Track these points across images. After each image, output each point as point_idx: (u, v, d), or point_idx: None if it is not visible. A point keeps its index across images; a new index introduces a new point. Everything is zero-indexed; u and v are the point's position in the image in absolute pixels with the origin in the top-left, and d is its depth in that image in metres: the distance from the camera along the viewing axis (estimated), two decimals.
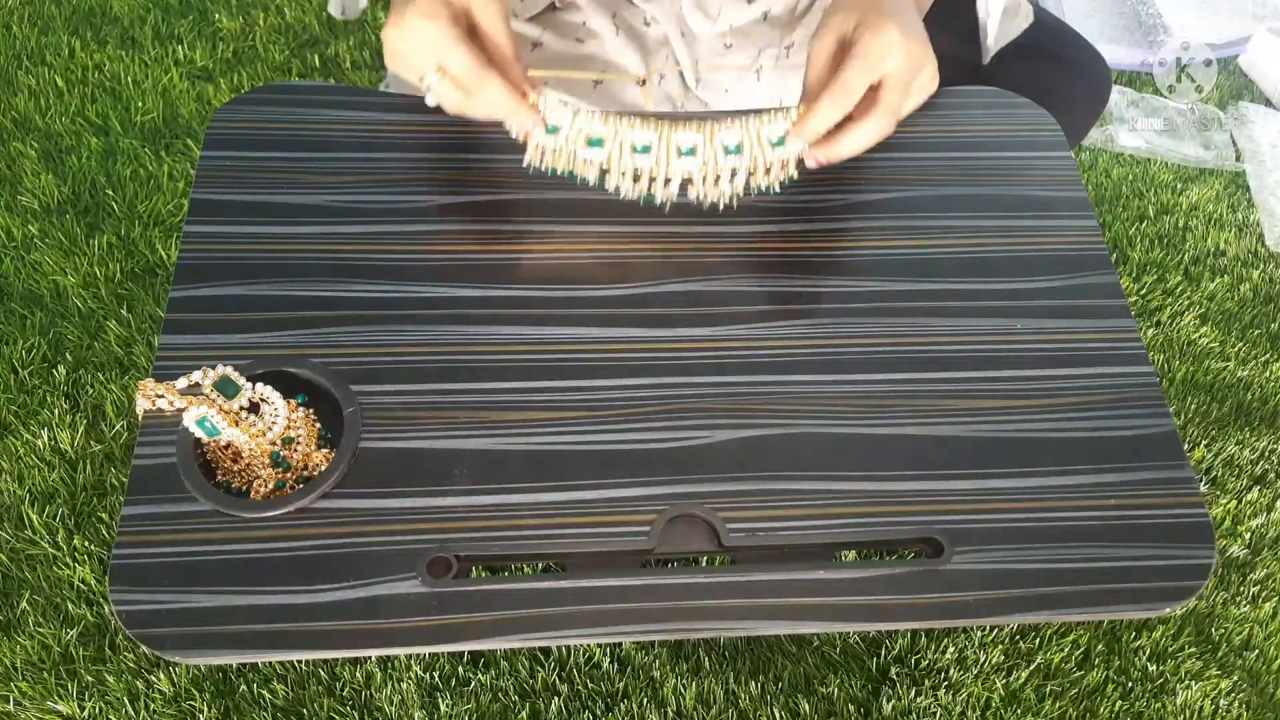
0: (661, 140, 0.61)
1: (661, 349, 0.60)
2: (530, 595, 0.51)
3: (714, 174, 0.62)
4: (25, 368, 1.16)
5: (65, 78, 1.47)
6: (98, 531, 1.04)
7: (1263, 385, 1.27)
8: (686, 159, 0.61)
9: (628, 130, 0.61)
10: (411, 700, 0.95)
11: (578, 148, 0.61)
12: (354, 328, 0.60)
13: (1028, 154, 0.71)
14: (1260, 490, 1.16)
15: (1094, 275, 0.65)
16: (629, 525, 0.54)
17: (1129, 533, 0.55)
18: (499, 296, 0.62)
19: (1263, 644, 1.05)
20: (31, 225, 1.29)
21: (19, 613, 0.98)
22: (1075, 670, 1.01)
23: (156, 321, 1.20)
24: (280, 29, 1.58)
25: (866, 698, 0.98)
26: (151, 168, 1.36)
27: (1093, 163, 1.54)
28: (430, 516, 0.53)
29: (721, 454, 0.56)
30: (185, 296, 0.60)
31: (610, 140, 0.60)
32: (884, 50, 0.57)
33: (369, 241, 0.63)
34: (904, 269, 0.64)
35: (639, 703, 0.96)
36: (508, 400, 0.58)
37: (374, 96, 0.70)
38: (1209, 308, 1.35)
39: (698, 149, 0.61)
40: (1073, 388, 0.60)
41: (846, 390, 0.59)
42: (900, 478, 0.56)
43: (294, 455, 0.55)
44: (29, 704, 0.93)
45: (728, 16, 0.77)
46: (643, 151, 0.61)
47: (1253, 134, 1.59)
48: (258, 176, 0.66)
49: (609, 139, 0.60)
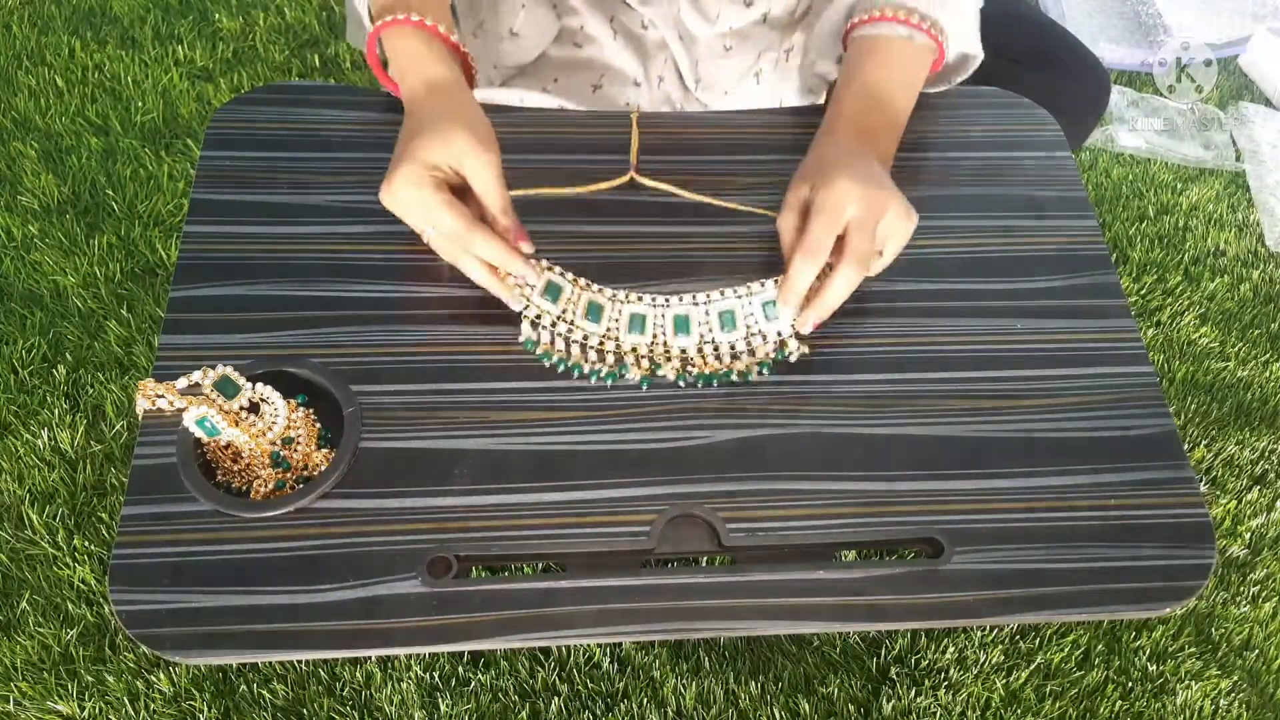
0: (656, 312, 0.61)
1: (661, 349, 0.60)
2: (530, 595, 0.51)
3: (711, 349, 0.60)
4: (25, 368, 1.16)
5: (65, 78, 1.47)
6: (98, 531, 1.04)
7: (1263, 385, 1.27)
8: (681, 336, 0.60)
9: (623, 303, 0.61)
10: (411, 700, 0.95)
11: (575, 317, 0.60)
12: (354, 328, 0.60)
13: (1028, 154, 0.71)
14: (1260, 490, 1.16)
15: (1094, 275, 0.65)
16: (629, 525, 0.54)
17: (1129, 533, 0.55)
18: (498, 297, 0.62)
19: (1263, 644, 1.05)
20: (31, 225, 1.29)
21: (19, 613, 0.98)
22: (1075, 670, 1.01)
23: (156, 321, 1.20)
24: (280, 29, 1.58)
25: (866, 698, 0.98)
26: (151, 168, 1.36)
27: (1093, 163, 1.54)
28: (430, 516, 0.53)
29: (721, 454, 0.56)
30: (185, 296, 0.60)
31: (608, 309, 0.61)
32: (840, 200, 0.58)
33: (369, 241, 0.63)
34: (904, 269, 0.64)
35: (639, 703, 0.96)
36: (508, 400, 0.58)
37: (374, 96, 0.70)
38: (1209, 308, 1.35)
39: (691, 322, 0.61)
40: (1073, 388, 0.60)
41: (846, 390, 0.59)
42: (900, 478, 0.56)
43: (294, 455, 0.55)
44: (29, 704, 0.93)
45: (726, 19, 0.77)
46: (636, 329, 0.60)
47: (1253, 134, 1.59)
48: (258, 176, 0.66)
49: (607, 308, 0.61)
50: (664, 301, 0.62)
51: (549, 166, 0.68)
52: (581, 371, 0.59)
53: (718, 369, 0.59)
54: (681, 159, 0.69)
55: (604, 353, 0.60)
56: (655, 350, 0.60)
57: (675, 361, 0.60)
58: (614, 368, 0.59)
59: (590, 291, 0.62)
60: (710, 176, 0.68)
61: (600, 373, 0.59)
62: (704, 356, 0.60)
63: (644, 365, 0.59)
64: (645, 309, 0.61)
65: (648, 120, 0.71)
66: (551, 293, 0.61)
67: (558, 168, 0.68)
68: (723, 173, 0.68)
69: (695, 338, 0.60)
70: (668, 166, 0.68)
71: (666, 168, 0.68)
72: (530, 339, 0.60)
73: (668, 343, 0.60)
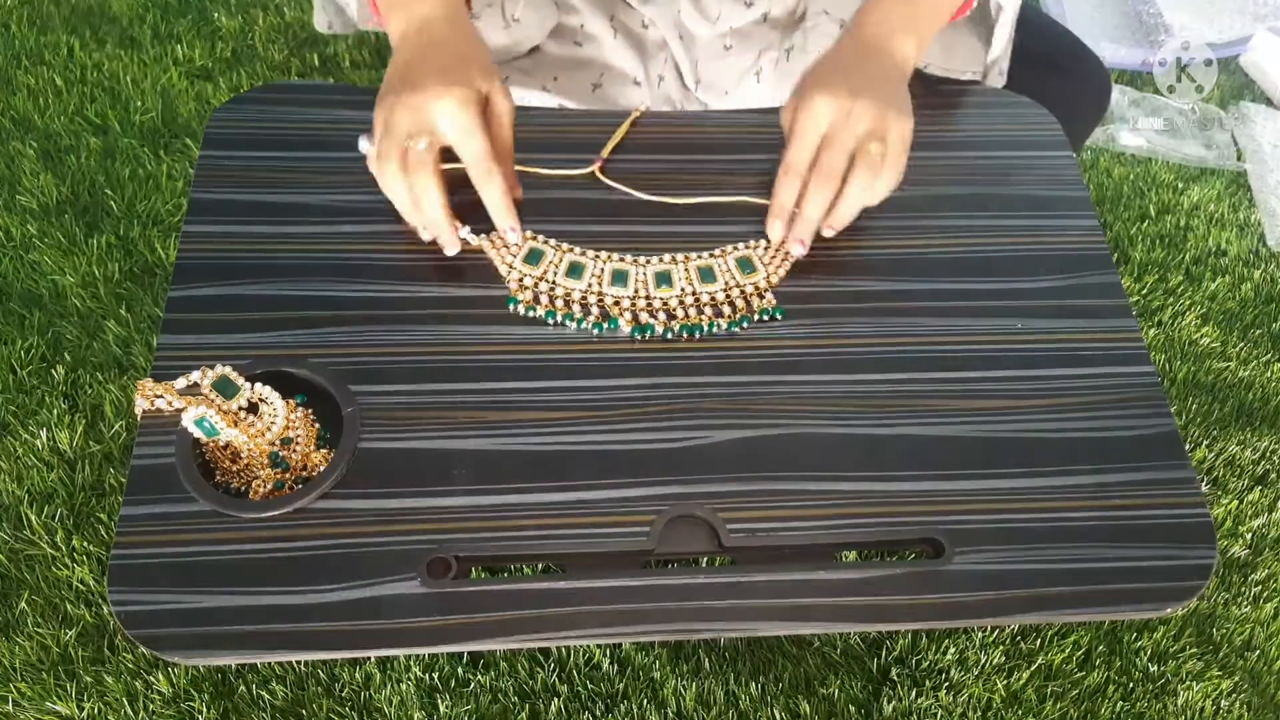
0: (638, 270, 0.62)
1: (661, 349, 0.60)
2: (530, 596, 0.51)
3: (693, 303, 0.62)
4: (24, 368, 1.15)
5: (64, 77, 1.47)
6: (96, 532, 1.04)
7: (1264, 385, 1.27)
8: (664, 288, 0.61)
9: (604, 262, 0.62)
10: (411, 701, 0.95)
11: (558, 277, 0.62)
12: (353, 328, 0.60)
13: (1029, 153, 0.71)
14: (1261, 490, 1.16)
15: (1095, 275, 0.65)
16: (629, 526, 0.53)
17: (1130, 533, 0.54)
18: (498, 296, 0.62)
19: (1264, 644, 1.05)
20: (30, 225, 1.29)
21: (18, 613, 0.98)
22: (1076, 671, 1.01)
23: (155, 321, 1.20)
24: (280, 28, 1.58)
25: (867, 699, 0.98)
26: (150, 167, 1.36)
27: (1094, 162, 1.53)
28: (429, 517, 0.53)
29: (721, 454, 0.56)
30: (184, 296, 0.60)
31: (589, 269, 0.62)
32: (807, 120, 0.59)
33: (368, 241, 0.63)
34: (904, 268, 0.64)
35: (639, 704, 0.96)
36: (507, 400, 0.57)
37: (373, 96, 0.70)
38: (1210, 308, 1.35)
39: (672, 276, 0.62)
40: (1074, 387, 0.60)
41: (847, 390, 0.59)
42: (901, 478, 0.56)
43: (293, 455, 0.55)
44: (28, 704, 0.93)
45: (727, 19, 0.77)
46: (619, 283, 0.62)
47: (1254, 133, 1.59)
48: (257, 176, 0.66)
49: (589, 266, 0.62)
50: (644, 260, 0.63)
51: (547, 167, 0.68)
52: (570, 320, 0.60)
53: (700, 320, 0.60)
54: (682, 158, 0.69)
55: (588, 306, 0.61)
56: (637, 305, 0.61)
57: (661, 315, 0.61)
58: (599, 319, 0.60)
59: (573, 254, 0.63)
60: (710, 176, 0.68)
61: (583, 324, 0.60)
62: (686, 309, 0.61)
63: (627, 319, 0.60)
64: (627, 266, 0.63)
65: (647, 120, 0.71)
66: (533, 259, 0.62)
67: (556, 168, 0.68)
68: (723, 172, 0.68)
69: (677, 289, 0.62)
70: (668, 166, 0.68)
71: (666, 167, 0.68)
72: (513, 297, 0.61)
73: (650, 295, 0.61)
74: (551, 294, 0.61)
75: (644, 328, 0.60)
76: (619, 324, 0.60)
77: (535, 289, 0.61)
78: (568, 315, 0.60)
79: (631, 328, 0.60)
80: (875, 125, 0.59)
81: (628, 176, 0.67)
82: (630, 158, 0.69)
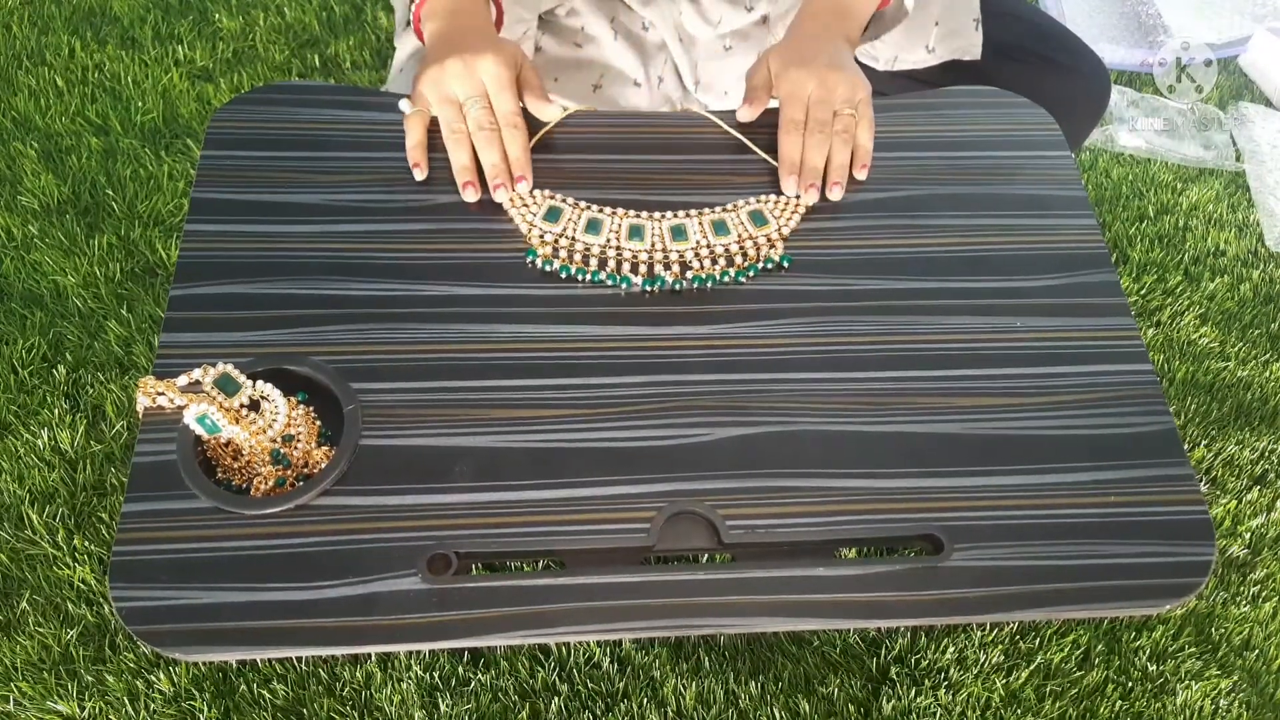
0: (654, 225, 0.65)
1: (661, 347, 0.60)
2: (530, 592, 0.51)
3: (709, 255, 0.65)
4: (25, 367, 1.16)
5: (65, 78, 1.47)
6: (98, 531, 1.04)
7: (1263, 385, 1.27)
8: (679, 241, 0.65)
9: (621, 218, 0.65)
10: (411, 700, 0.95)
11: (577, 234, 0.64)
12: (354, 325, 0.60)
13: (1027, 153, 0.71)
14: (1260, 490, 1.16)
15: (1093, 274, 0.65)
16: (629, 523, 0.54)
17: (1128, 530, 0.55)
18: (499, 294, 0.62)
19: (1263, 644, 1.05)
20: (31, 225, 1.29)
21: (19, 613, 0.98)
22: (1075, 670, 1.01)
23: (156, 321, 1.20)
24: (280, 29, 1.58)
25: (866, 698, 0.98)
26: (151, 168, 1.36)
27: (1093, 163, 1.54)
28: (430, 514, 0.53)
29: (721, 451, 0.56)
30: (186, 295, 0.60)
31: (607, 225, 0.65)
32: (793, 89, 0.67)
33: (369, 240, 0.63)
34: (904, 267, 0.64)
35: (639, 703, 0.96)
36: (508, 398, 0.58)
37: (374, 96, 0.70)
38: (1209, 308, 1.35)
39: (687, 229, 0.65)
40: (1072, 385, 0.60)
41: (846, 388, 0.59)
42: (900, 475, 0.56)
43: (294, 452, 0.55)
44: (29, 704, 0.93)
45: (728, 22, 0.77)
46: (636, 237, 0.65)
47: (1253, 134, 1.59)
48: (257, 176, 0.66)
49: (606, 222, 0.65)
50: (660, 216, 0.66)
51: (549, 166, 0.68)
52: (585, 275, 0.62)
53: (712, 271, 0.63)
54: (681, 158, 0.69)
55: (605, 260, 0.63)
56: (654, 257, 0.64)
57: (675, 268, 0.64)
58: (614, 271, 0.63)
59: (590, 211, 0.65)
60: (711, 175, 0.68)
61: (599, 277, 0.63)
62: (701, 260, 0.64)
63: (642, 271, 0.63)
64: (644, 222, 0.65)
65: (648, 120, 0.71)
66: (552, 216, 0.65)
67: (558, 167, 0.68)
68: (723, 171, 0.69)
69: (692, 242, 0.64)
70: (667, 165, 0.69)
71: (666, 166, 0.69)
72: (532, 249, 0.63)
73: (666, 248, 0.64)
74: (571, 249, 0.63)
75: (655, 279, 0.63)
76: (631, 280, 0.63)
77: (555, 244, 0.64)
78: (581, 270, 0.63)
79: (643, 279, 0.62)
80: (848, 92, 0.67)
81: (629, 177, 0.68)
82: (631, 158, 0.69)
